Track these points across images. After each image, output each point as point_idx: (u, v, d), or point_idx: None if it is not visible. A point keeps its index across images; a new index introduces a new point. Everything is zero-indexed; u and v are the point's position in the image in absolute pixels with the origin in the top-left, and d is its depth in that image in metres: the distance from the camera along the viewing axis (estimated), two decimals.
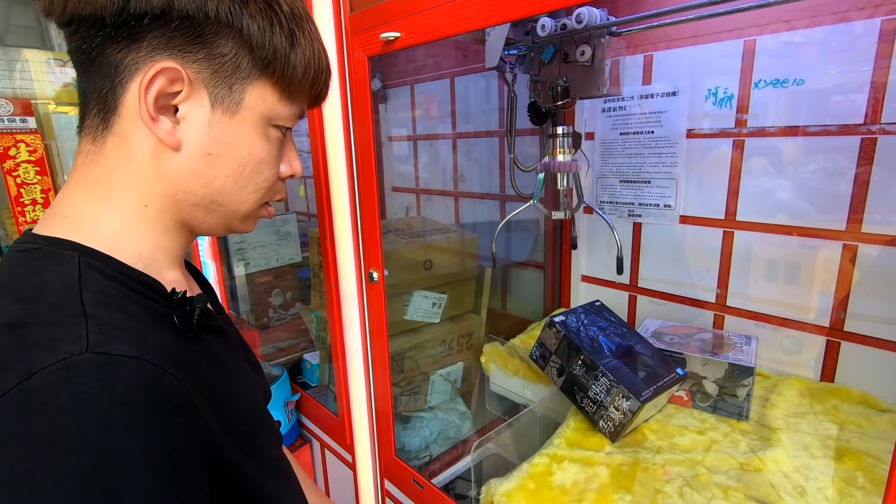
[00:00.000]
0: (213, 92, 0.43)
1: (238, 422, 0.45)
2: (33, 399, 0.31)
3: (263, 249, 1.61)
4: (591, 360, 0.84)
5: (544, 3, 0.55)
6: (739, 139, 0.95)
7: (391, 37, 0.72)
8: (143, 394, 0.34)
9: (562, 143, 0.92)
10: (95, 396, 0.32)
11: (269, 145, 0.47)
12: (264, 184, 0.48)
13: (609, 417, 0.82)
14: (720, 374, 0.84)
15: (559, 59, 0.90)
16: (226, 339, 0.52)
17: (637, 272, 1.15)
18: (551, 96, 0.91)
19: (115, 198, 0.43)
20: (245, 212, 0.49)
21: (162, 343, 0.38)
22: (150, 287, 0.42)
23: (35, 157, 1.85)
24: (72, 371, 0.32)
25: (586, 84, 0.88)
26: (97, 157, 0.43)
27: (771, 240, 0.94)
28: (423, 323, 1.22)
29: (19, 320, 0.35)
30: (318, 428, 1.28)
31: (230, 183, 0.46)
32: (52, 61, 1.86)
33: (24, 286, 0.37)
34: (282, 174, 0.50)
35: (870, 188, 0.82)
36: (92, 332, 0.34)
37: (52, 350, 0.33)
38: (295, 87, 0.46)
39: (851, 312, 0.86)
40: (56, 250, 0.40)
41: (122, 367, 0.34)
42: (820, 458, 0.74)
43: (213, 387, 0.42)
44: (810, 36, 0.84)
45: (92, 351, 0.33)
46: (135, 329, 0.37)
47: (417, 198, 1.69)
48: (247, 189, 0.47)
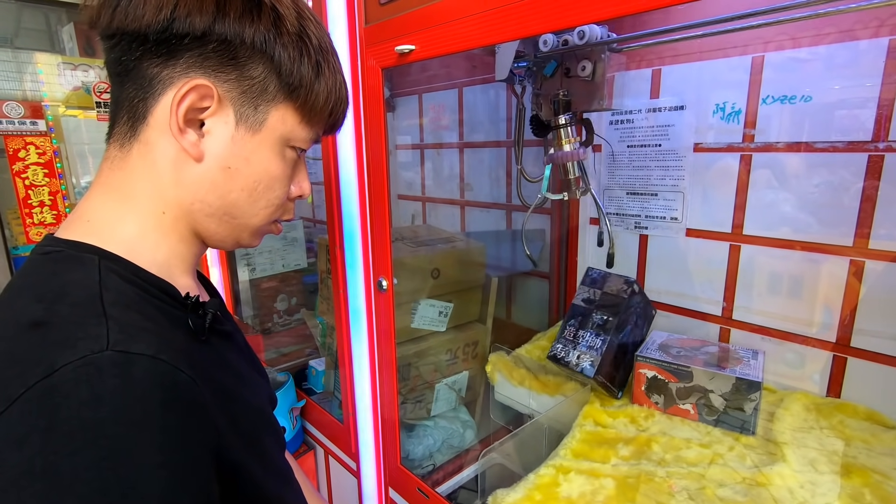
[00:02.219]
0: (240, 110, 0.45)
1: (245, 424, 0.46)
2: (55, 394, 0.32)
3: (269, 255, 1.62)
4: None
5: (556, 20, 0.55)
6: (746, 154, 0.96)
7: (406, 49, 0.73)
8: (160, 391, 0.35)
9: (566, 133, 0.93)
10: (114, 393, 0.33)
11: (284, 164, 0.50)
12: (275, 201, 0.51)
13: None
14: (727, 388, 0.84)
15: (561, 73, 0.92)
16: (234, 344, 0.53)
17: (643, 284, 1.16)
18: (553, 110, 0.93)
19: (134, 202, 0.45)
20: (255, 226, 0.51)
21: (177, 344, 0.40)
22: (166, 291, 0.44)
23: (44, 159, 1.86)
24: (92, 368, 0.33)
25: (587, 98, 0.90)
26: (122, 163, 0.46)
27: (777, 254, 0.94)
28: (428, 331, 1.23)
29: (42, 319, 0.36)
30: (323, 434, 1.28)
31: (244, 197, 0.48)
32: (62, 64, 1.88)
33: (47, 287, 0.39)
34: (291, 194, 0.53)
35: (877, 204, 0.82)
36: (112, 331, 0.36)
37: (74, 348, 0.34)
38: (315, 113, 0.49)
39: (858, 328, 0.86)
40: (77, 253, 0.42)
41: (140, 365, 0.35)
42: (826, 473, 0.74)
43: (222, 388, 0.44)
44: (817, 53, 0.85)
45: (112, 349, 0.34)
46: (152, 329, 0.38)
47: (423, 206, 1.69)
48: (259, 204, 0.50)
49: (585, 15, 0.53)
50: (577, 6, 0.53)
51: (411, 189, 1.72)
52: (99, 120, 1.79)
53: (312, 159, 1.78)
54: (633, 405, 0.95)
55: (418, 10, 0.72)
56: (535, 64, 0.96)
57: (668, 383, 0.90)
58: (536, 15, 0.57)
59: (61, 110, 1.91)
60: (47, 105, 1.86)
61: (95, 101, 1.84)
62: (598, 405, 0.96)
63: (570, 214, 1.27)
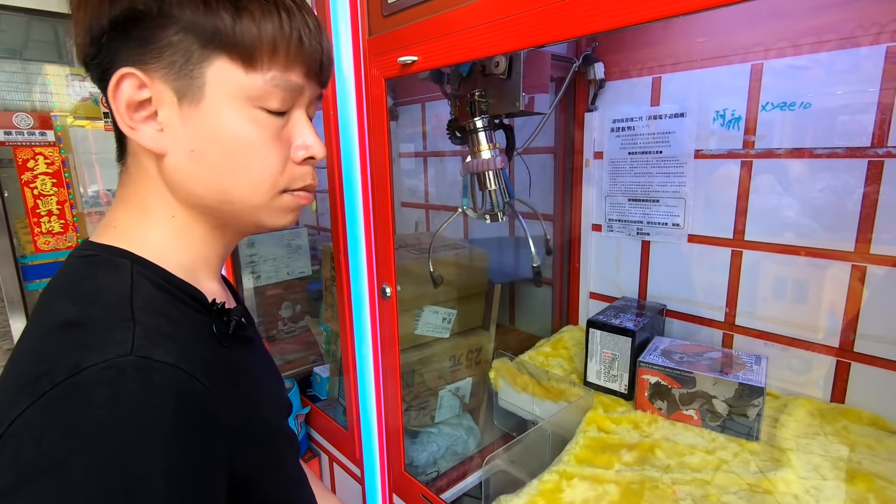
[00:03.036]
0: (175, 86, 0.43)
1: (261, 431, 0.47)
2: (78, 393, 0.33)
3: (274, 262, 1.63)
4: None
5: (556, 32, 0.56)
6: (747, 160, 0.96)
7: (408, 60, 0.74)
8: (175, 399, 0.36)
9: (483, 139, 0.85)
10: (132, 397, 0.34)
11: (257, 127, 0.45)
12: (269, 169, 0.46)
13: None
14: (730, 393, 0.84)
15: (477, 72, 0.85)
16: (255, 350, 0.54)
17: (646, 290, 1.16)
18: (469, 112, 0.85)
19: (149, 212, 0.46)
20: (261, 204, 0.47)
21: (197, 352, 0.41)
22: (193, 296, 0.45)
23: (52, 168, 1.89)
24: (114, 370, 0.34)
25: (503, 99, 0.82)
26: (127, 178, 0.47)
27: (779, 259, 0.95)
28: (432, 338, 1.23)
29: (76, 320, 0.38)
30: (328, 441, 1.28)
31: (227, 178, 0.45)
32: (70, 76, 1.91)
33: (82, 289, 0.41)
34: (296, 158, 0.48)
35: (878, 209, 0.83)
36: (137, 336, 0.37)
37: (102, 350, 0.35)
38: (258, 57, 0.43)
39: (861, 333, 0.86)
40: (111, 258, 0.43)
41: (160, 371, 0.36)
42: (831, 479, 0.73)
43: (240, 395, 0.45)
44: (816, 60, 0.86)
45: (135, 354, 0.36)
46: (175, 336, 0.40)
47: (427, 213, 1.70)
48: (248, 179, 0.45)
49: (586, 26, 0.54)
50: (577, 17, 0.54)
51: (415, 196, 1.74)
52: (106, 130, 1.82)
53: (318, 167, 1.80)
54: (637, 411, 0.95)
55: (420, 22, 0.73)
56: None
57: (672, 389, 0.90)
58: (537, 27, 0.58)
59: (69, 121, 1.94)
60: (56, 116, 1.89)
61: (103, 112, 1.87)
62: (602, 411, 0.96)
63: (573, 221, 1.28)
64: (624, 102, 1.13)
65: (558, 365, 1.15)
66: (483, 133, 0.87)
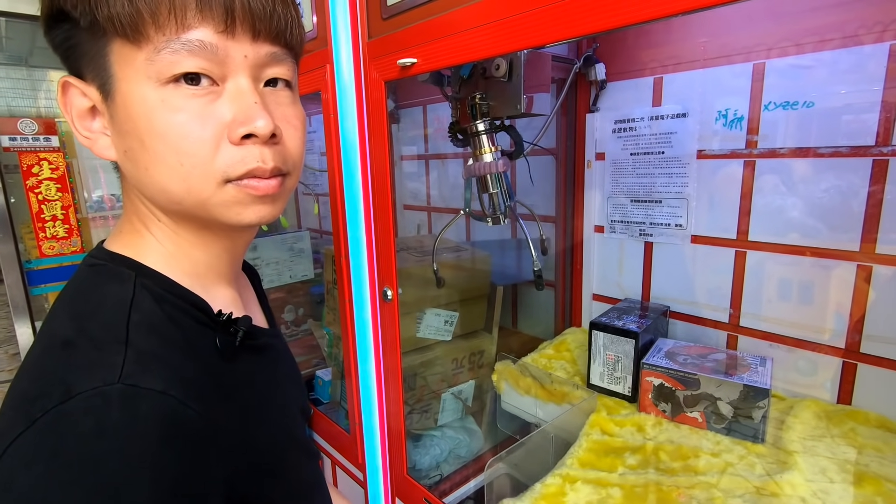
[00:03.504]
0: (98, 84, 0.40)
1: (267, 445, 0.46)
2: (65, 422, 0.33)
3: (277, 266, 1.63)
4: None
5: (556, 32, 0.56)
6: (750, 160, 0.95)
7: (408, 63, 0.74)
8: (163, 428, 0.35)
9: (485, 142, 0.84)
10: (117, 427, 0.34)
11: (170, 110, 0.38)
12: (191, 158, 0.39)
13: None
14: (735, 395, 0.84)
15: (478, 75, 0.84)
16: (268, 358, 0.52)
17: (649, 292, 1.15)
18: (470, 115, 0.85)
19: (142, 220, 0.46)
20: (205, 199, 0.41)
21: (192, 372, 0.40)
22: (198, 306, 0.44)
23: (57, 174, 1.90)
24: (101, 399, 0.34)
25: (504, 101, 0.82)
26: (124, 183, 0.47)
27: (783, 260, 0.94)
28: (434, 341, 1.23)
29: (71, 339, 0.38)
30: (330, 445, 1.28)
31: (156, 173, 0.40)
32: None
33: (85, 303, 0.41)
34: (234, 137, 0.39)
35: (883, 209, 0.82)
36: (128, 361, 0.36)
37: (91, 376, 0.35)
38: (139, 23, 0.37)
39: (867, 334, 0.85)
40: (118, 268, 0.43)
41: (147, 400, 0.35)
42: (838, 482, 0.72)
43: (243, 410, 0.44)
44: (819, 59, 0.85)
45: (123, 382, 0.35)
46: (168, 358, 0.39)
47: (429, 216, 1.70)
48: (175, 172, 0.39)
49: (585, 27, 0.54)
50: (577, 18, 0.54)
51: (417, 199, 1.74)
52: None
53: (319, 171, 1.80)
54: (641, 413, 0.94)
55: (420, 25, 0.73)
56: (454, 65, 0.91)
57: (676, 391, 0.90)
58: (536, 27, 0.58)
59: None
60: (60, 122, 1.90)
61: None
62: (605, 414, 0.95)
63: (575, 222, 1.27)
64: (625, 103, 1.13)
65: (561, 367, 1.14)
66: (485, 136, 0.86)
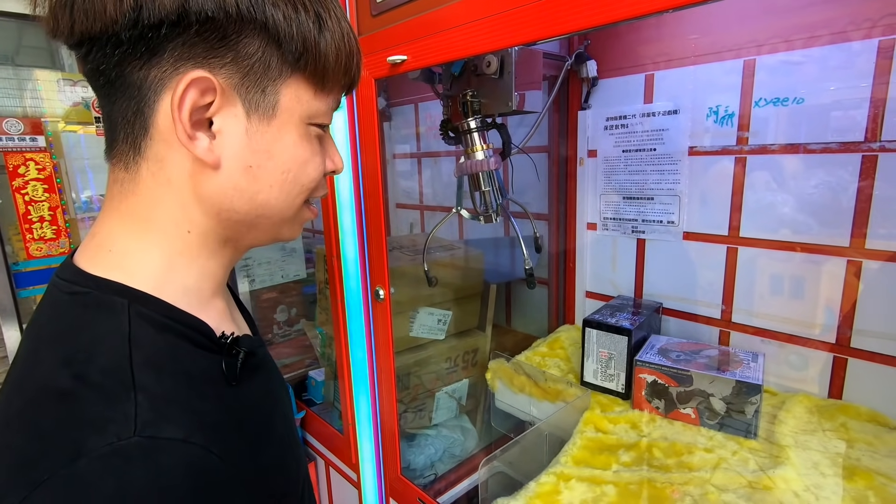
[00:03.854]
0: (247, 98, 0.39)
1: (274, 468, 0.44)
2: (80, 485, 0.30)
3: (269, 266, 1.62)
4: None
5: (544, 29, 0.56)
6: (741, 156, 0.96)
7: (398, 60, 0.74)
8: (189, 480, 0.33)
9: (477, 139, 0.85)
10: (140, 487, 0.31)
11: (310, 145, 0.44)
12: (310, 184, 0.45)
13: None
14: (727, 391, 0.84)
15: (469, 72, 0.85)
16: (263, 371, 0.50)
17: (641, 288, 1.16)
18: (461, 112, 0.86)
19: (156, 228, 0.41)
20: (290, 217, 0.46)
21: (206, 410, 0.38)
22: (198, 330, 0.41)
23: (44, 175, 1.87)
24: (119, 458, 0.31)
25: (495, 98, 0.83)
26: (133, 186, 0.41)
27: (775, 255, 0.94)
28: (428, 340, 1.22)
29: (70, 389, 0.34)
30: (323, 446, 1.27)
31: (275, 193, 0.43)
32: (62, 81, 1.90)
33: (76, 345, 0.36)
34: (325, 169, 0.47)
35: (872, 204, 0.82)
36: (140, 408, 0.34)
37: (102, 432, 0.32)
38: (328, 77, 0.42)
39: (858, 328, 0.86)
40: (105, 296, 0.38)
41: (169, 452, 0.33)
42: (830, 476, 0.73)
43: (254, 436, 0.42)
44: (808, 55, 0.86)
45: (140, 435, 0.32)
46: (182, 399, 0.37)
47: (422, 214, 1.70)
48: (292, 194, 0.44)
49: (573, 23, 0.53)
50: (565, 14, 0.54)
51: (409, 198, 1.73)
52: (98, 135, 1.80)
53: None
54: (634, 410, 0.94)
55: (409, 21, 0.72)
56: (445, 63, 0.91)
57: (669, 388, 0.90)
58: (525, 24, 0.58)
59: (61, 126, 1.93)
60: (47, 121, 1.88)
61: (94, 117, 1.85)
62: (599, 411, 0.95)
63: (568, 220, 1.27)
64: (617, 100, 1.13)
65: (555, 365, 1.14)
66: (476, 134, 0.87)
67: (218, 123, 0.39)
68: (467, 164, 0.87)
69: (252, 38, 0.38)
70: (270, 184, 0.43)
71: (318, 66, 0.41)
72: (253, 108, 0.40)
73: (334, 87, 0.44)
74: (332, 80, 0.43)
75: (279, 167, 0.42)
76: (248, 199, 0.42)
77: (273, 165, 0.42)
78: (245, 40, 0.38)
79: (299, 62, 0.40)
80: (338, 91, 0.45)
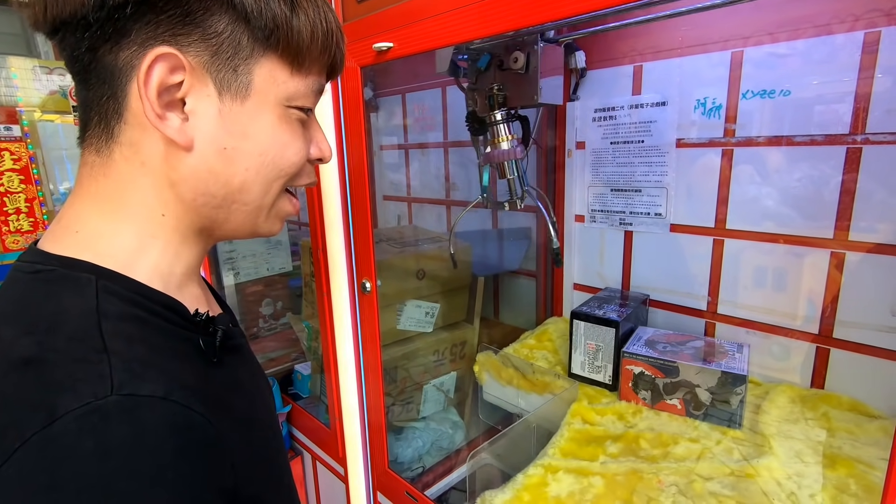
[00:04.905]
0: (218, 77, 0.39)
1: (261, 448, 0.43)
2: (57, 447, 0.29)
3: (254, 259, 1.60)
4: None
5: (532, 16, 0.55)
6: (728, 148, 0.96)
7: (384, 47, 0.72)
8: (172, 438, 0.32)
9: (503, 131, 0.90)
10: (123, 444, 0.30)
11: (290, 128, 0.43)
12: (290, 169, 0.44)
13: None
14: (713, 382, 0.85)
15: (494, 66, 0.89)
16: (244, 357, 0.49)
17: (629, 280, 1.16)
18: (488, 105, 0.89)
19: (129, 210, 0.40)
20: (268, 205, 0.45)
21: (187, 377, 0.37)
22: (172, 308, 0.40)
23: (20, 165, 1.82)
24: (97, 416, 0.30)
25: (521, 92, 0.87)
26: (105, 170, 0.40)
27: (760, 248, 0.95)
28: (415, 332, 1.22)
29: (35, 356, 0.32)
30: (310, 440, 1.26)
31: (252, 176, 0.42)
32: (38, 69, 1.84)
33: (38, 315, 0.35)
34: (311, 156, 0.46)
35: (856, 196, 0.83)
36: (115, 370, 0.32)
37: (75, 391, 0.30)
38: (304, 56, 0.41)
39: (840, 319, 0.87)
40: (71, 273, 0.37)
41: (151, 409, 0.32)
42: (812, 465, 0.74)
43: (237, 415, 0.41)
44: (795, 48, 0.86)
45: (118, 393, 0.31)
46: (159, 364, 0.35)
47: (409, 206, 1.68)
48: (269, 178, 0.43)
49: (562, 10, 0.53)
50: (552, 2, 0.53)
51: (397, 190, 1.71)
52: (76, 124, 1.75)
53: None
54: (621, 402, 0.95)
55: (396, 7, 0.71)
56: (470, 57, 0.93)
57: (655, 379, 0.90)
58: (514, 11, 0.57)
59: (37, 115, 1.87)
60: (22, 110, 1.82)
61: (72, 106, 1.80)
62: (586, 403, 0.96)
63: (557, 212, 1.27)
64: (605, 91, 1.12)
65: (543, 357, 1.14)
66: (503, 125, 0.90)
67: (190, 104, 0.39)
68: (494, 153, 0.90)
69: (219, 16, 0.37)
70: (247, 166, 0.42)
71: (290, 44, 0.40)
72: (225, 87, 0.39)
73: (313, 66, 0.43)
74: (309, 59, 0.42)
75: (255, 149, 0.42)
76: (224, 182, 0.42)
77: (249, 147, 0.41)
78: (212, 18, 0.37)
79: (269, 40, 0.39)
80: (318, 71, 0.44)
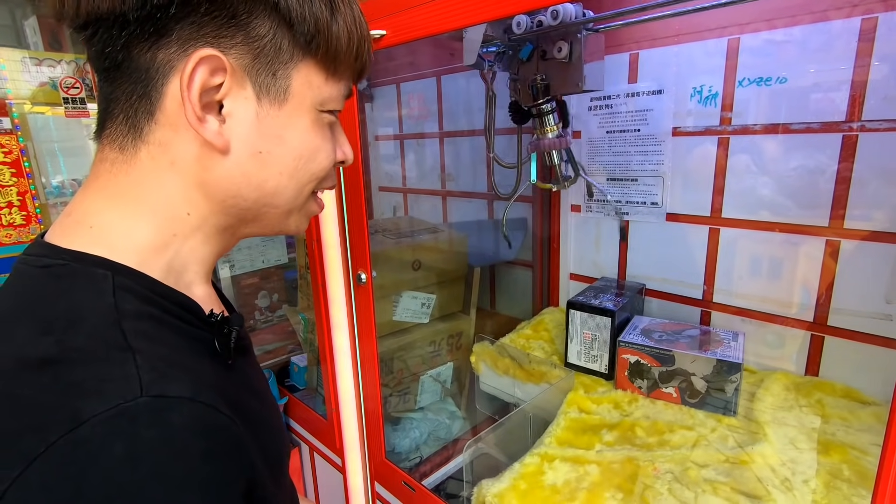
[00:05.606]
0: (257, 80, 0.38)
1: (271, 449, 0.43)
2: (83, 453, 0.28)
3: (249, 251, 1.59)
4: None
5: (528, 1, 0.54)
6: (724, 137, 0.96)
7: (376, 35, 0.71)
8: (201, 440, 0.31)
9: (551, 120, 0.92)
10: (152, 448, 0.29)
11: (322, 132, 0.43)
12: (321, 173, 0.45)
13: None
14: (708, 370, 0.85)
15: (537, 56, 0.90)
16: (250, 355, 0.49)
17: (625, 269, 1.16)
18: (531, 94, 0.91)
19: (150, 208, 0.39)
20: (298, 207, 0.45)
21: (210, 377, 0.36)
22: (187, 308, 0.39)
23: (10, 158, 1.80)
24: (125, 419, 0.29)
25: (565, 81, 0.88)
26: (126, 167, 0.39)
27: (756, 236, 0.95)
28: (412, 323, 1.21)
29: (54, 356, 0.31)
30: (307, 431, 1.27)
31: (285, 180, 0.42)
32: (27, 60, 1.82)
33: (52, 312, 0.33)
34: (336, 159, 0.47)
35: (851, 184, 0.83)
36: (142, 370, 0.31)
37: (100, 393, 0.29)
38: (340, 62, 0.42)
39: (835, 307, 0.87)
40: (85, 268, 0.35)
41: (179, 411, 0.31)
42: (806, 451, 0.75)
43: (251, 416, 0.40)
44: (791, 35, 0.85)
45: (147, 394, 0.30)
46: (182, 364, 0.34)
47: (405, 197, 1.68)
48: (302, 182, 0.43)
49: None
50: None
51: (392, 181, 1.70)
52: (67, 116, 1.73)
53: None
54: (617, 390, 0.95)
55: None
56: (508, 47, 0.94)
57: (651, 368, 0.91)
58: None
59: (27, 107, 1.84)
60: (12, 102, 1.79)
61: (63, 97, 1.78)
62: (582, 392, 0.96)
63: (553, 202, 1.26)
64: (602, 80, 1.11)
65: (539, 347, 1.15)
66: (551, 115, 0.92)
67: (228, 106, 0.38)
68: (544, 142, 0.93)
69: (263, 19, 0.37)
70: (280, 171, 0.42)
71: (329, 49, 0.40)
72: (264, 91, 0.39)
73: (345, 72, 0.43)
74: (343, 65, 0.42)
75: (290, 153, 0.42)
76: (256, 186, 0.41)
77: (284, 151, 0.41)
78: (256, 21, 0.37)
79: (311, 45, 0.39)
80: (349, 77, 0.44)
